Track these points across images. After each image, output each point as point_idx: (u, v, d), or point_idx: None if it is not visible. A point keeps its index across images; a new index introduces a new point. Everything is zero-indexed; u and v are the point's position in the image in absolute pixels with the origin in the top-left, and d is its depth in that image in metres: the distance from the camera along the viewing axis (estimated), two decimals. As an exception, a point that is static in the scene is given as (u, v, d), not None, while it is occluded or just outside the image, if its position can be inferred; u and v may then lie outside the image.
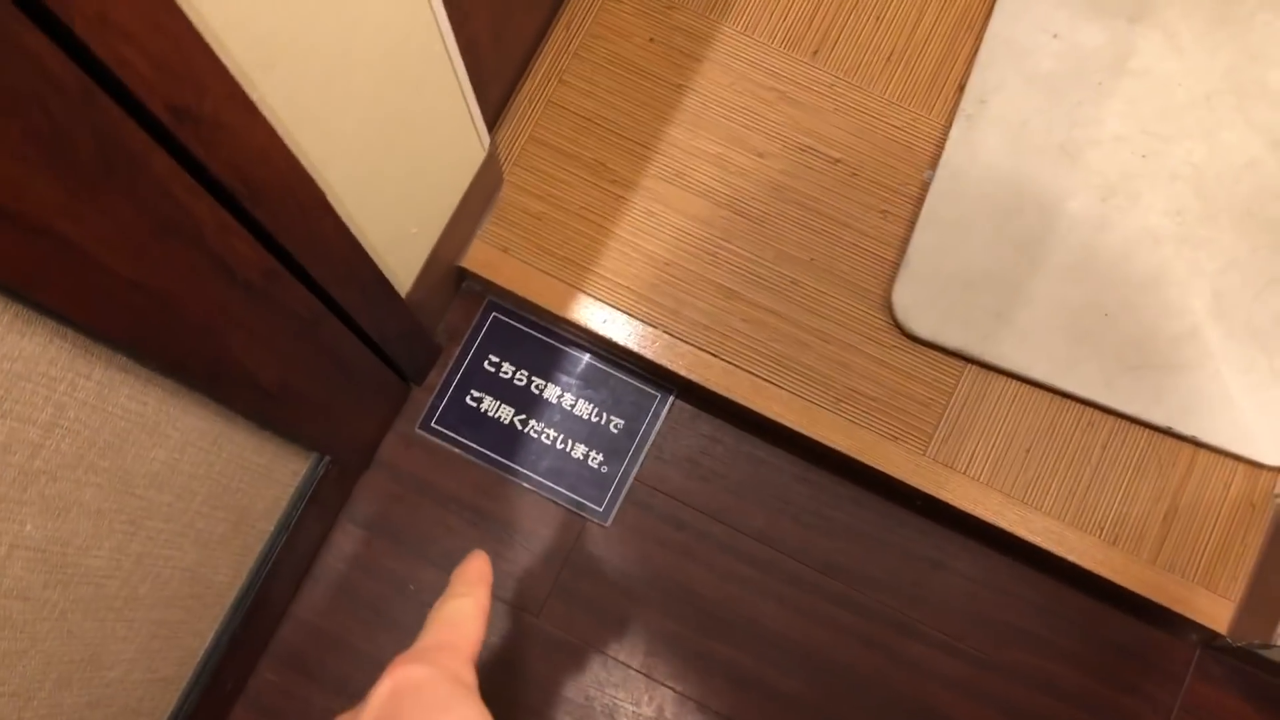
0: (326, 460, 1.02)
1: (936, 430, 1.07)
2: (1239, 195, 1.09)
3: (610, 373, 1.14)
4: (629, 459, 1.12)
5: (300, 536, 1.02)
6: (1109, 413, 1.07)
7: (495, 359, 1.14)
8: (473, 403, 1.13)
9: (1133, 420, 1.07)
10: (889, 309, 1.08)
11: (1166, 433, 1.06)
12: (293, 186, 0.66)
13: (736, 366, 1.08)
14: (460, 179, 0.99)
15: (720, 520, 1.11)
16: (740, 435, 1.13)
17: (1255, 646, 0.98)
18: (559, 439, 1.13)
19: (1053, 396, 1.08)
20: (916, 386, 1.07)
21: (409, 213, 0.91)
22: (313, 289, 0.77)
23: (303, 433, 0.92)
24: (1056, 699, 1.08)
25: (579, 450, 1.12)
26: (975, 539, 1.11)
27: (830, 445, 1.06)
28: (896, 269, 1.08)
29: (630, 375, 1.14)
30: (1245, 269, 1.08)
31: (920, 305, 1.07)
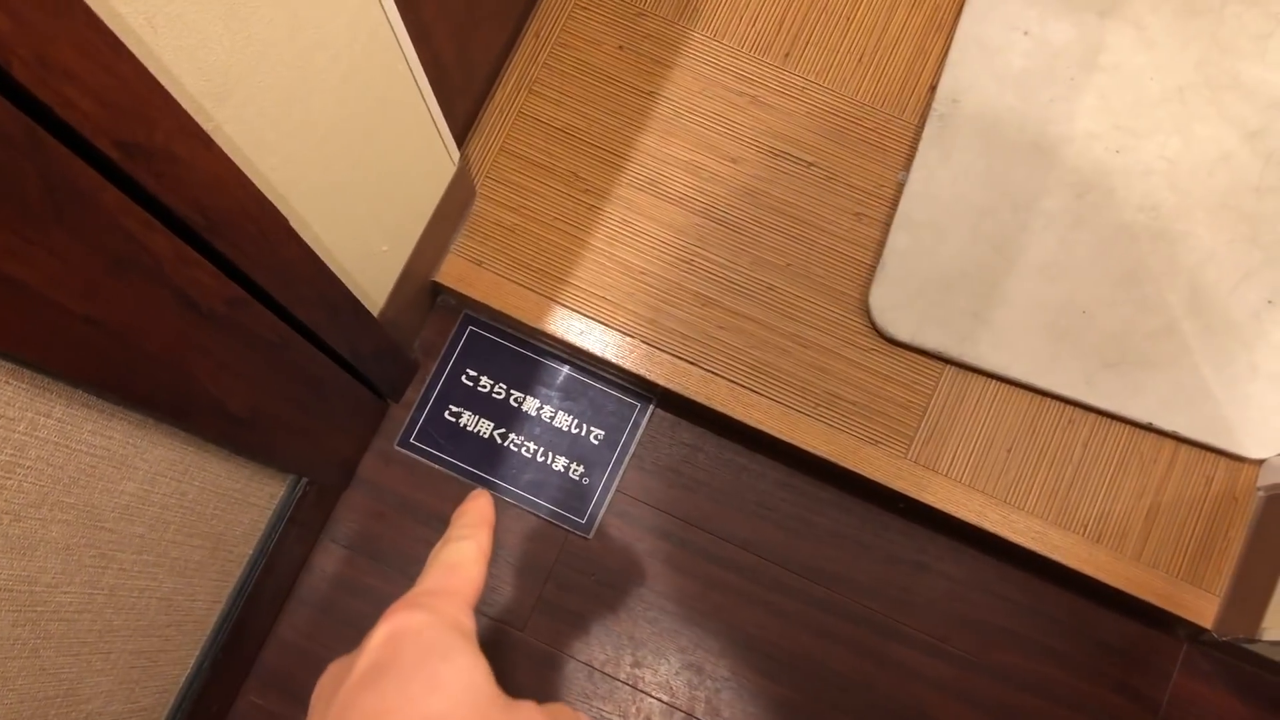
0: (304, 482, 1.01)
1: (917, 433, 1.06)
2: (1214, 189, 1.09)
3: (589, 383, 1.14)
4: (610, 470, 1.11)
5: (280, 558, 1.01)
6: (1089, 410, 1.06)
7: (473, 373, 1.13)
8: (451, 418, 1.12)
9: (1113, 417, 1.06)
10: (866, 312, 1.08)
11: (1147, 429, 1.06)
12: (253, 214, 0.66)
13: (715, 374, 1.07)
14: (430, 194, 0.99)
15: (703, 529, 1.11)
16: (721, 443, 1.13)
17: (1241, 641, 0.98)
18: (539, 452, 1.12)
19: (1033, 396, 1.07)
20: (896, 389, 1.07)
21: (378, 231, 0.90)
22: (280, 313, 0.76)
23: (278, 456, 0.91)
24: (1044, 699, 1.08)
25: (560, 462, 1.12)
26: (959, 540, 1.10)
27: (811, 451, 1.05)
28: (873, 272, 1.08)
29: (609, 385, 1.13)
30: (1222, 263, 1.07)
31: (897, 308, 1.07)
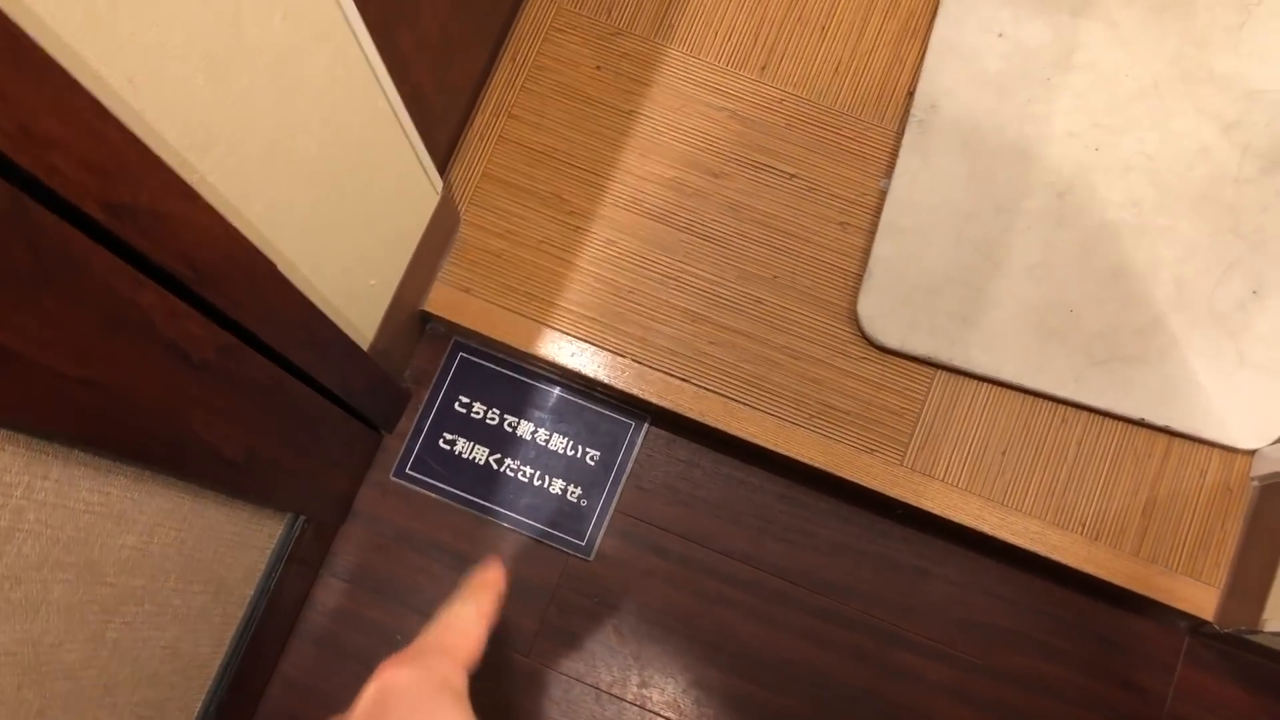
0: (302, 519, 1.00)
1: (912, 439, 1.06)
2: (1194, 182, 1.10)
3: (582, 404, 1.14)
4: (607, 490, 1.11)
5: (281, 597, 1.01)
6: (1081, 408, 1.07)
7: (465, 400, 1.13)
8: (446, 446, 1.12)
9: (1105, 414, 1.07)
10: (855, 321, 1.08)
11: (1140, 424, 1.06)
12: (241, 261, 0.65)
13: (708, 390, 1.07)
14: (415, 225, 0.98)
15: (703, 545, 1.11)
16: (717, 457, 1.13)
17: (1243, 632, 0.99)
18: (536, 475, 1.12)
19: (1025, 396, 1.08)
20: (889, 396, 1.07)
21: (365, 266, 0.90)
22: (271, 356, 0.76)
23: (275, 496, 0.91)
24: (1052, 698, 1.08)
25: (557, 485, 1.11)
26: (958, 544, 1.11)
27: (807, 462, 1.06)
28: (860, 280, 1.08)
29: (603, 405, 1.13)
30: (1205, 255, 1.08)
31: (886, 315, 1.07)
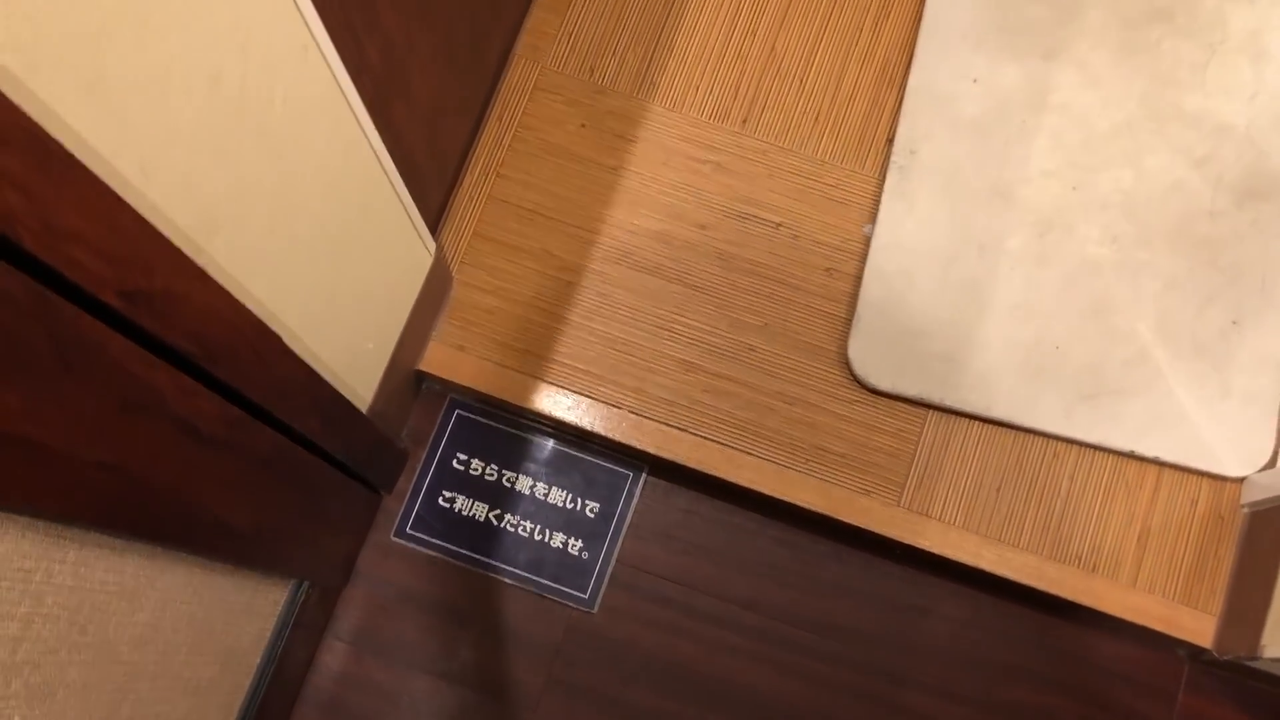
0: (306, 584, 1.00)
1: (907, 479, 1.08)
2: (1169, 216, 1.12)
3: (580, 457, 1.14)
4: (608, 541, 1.12)
5: (287, 664, 1.01)
6: (1072, 443, 1.09)
7: (463, 457, 1.14)
8: (445, 503, 1.13)
9: (1096, 448, 1.09)
10: (846, 365, 1.10)
11: (1130, 456, 1.08)
12: (248, 337, 0.66)
13: (704, 438, 1.08)
14: (410, 287, 1.00)
15: (706, 592, 1.11)
16: (716, 505, 1.14)
17: (1242, 659, 1.00)
18: (535, 530, 1.12)
19: (1016, 434, 1.09)
20: (882, 438, 1.09)
21: (364, 330, 0.91)
22: (276, 426, 0.76)
23: (280, 563, 0.91)
24: (1056, 731, 1.09)
25: (557, 539, 1.12)
26: (958, 582, 1.12)
27: (805, 506, 1.07)
28: (849, 325, 1.10)
29: (600, 457, 1.14)
30: (1184, 288, 1.10)
31: (876, 358, 1.09)
